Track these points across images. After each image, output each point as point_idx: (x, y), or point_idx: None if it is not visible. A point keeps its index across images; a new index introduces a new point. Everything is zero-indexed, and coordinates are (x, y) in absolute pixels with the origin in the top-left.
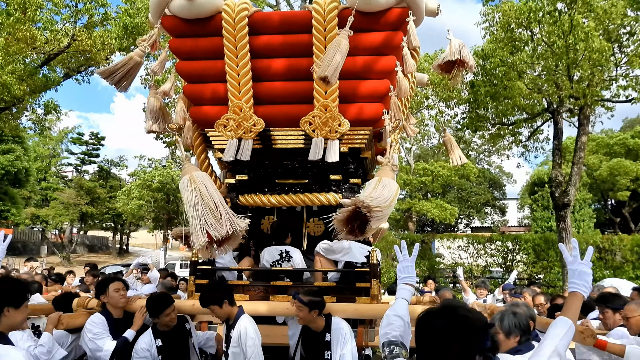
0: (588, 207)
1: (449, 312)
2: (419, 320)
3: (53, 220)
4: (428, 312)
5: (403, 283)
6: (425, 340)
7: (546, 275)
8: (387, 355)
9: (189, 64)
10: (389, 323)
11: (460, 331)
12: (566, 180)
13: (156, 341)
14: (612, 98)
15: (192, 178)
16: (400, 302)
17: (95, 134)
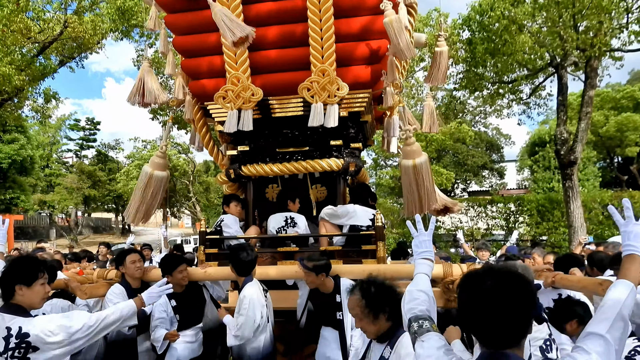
0: (593, 165)
1: (503, 273)
2: (465, 283)
3: (59, 204)
4: (476, 274)
5: (421, 258)
6: (475, 304)
7: (551, 236)
8: (416, 330)
9: (185, 38)
10: (413, 298)
11: (518, 293)
12: (572, 137)
13: (171, 302)
14: (622, 47)
15: (152, 177)
16: (421, 277)
17: (91, 120)
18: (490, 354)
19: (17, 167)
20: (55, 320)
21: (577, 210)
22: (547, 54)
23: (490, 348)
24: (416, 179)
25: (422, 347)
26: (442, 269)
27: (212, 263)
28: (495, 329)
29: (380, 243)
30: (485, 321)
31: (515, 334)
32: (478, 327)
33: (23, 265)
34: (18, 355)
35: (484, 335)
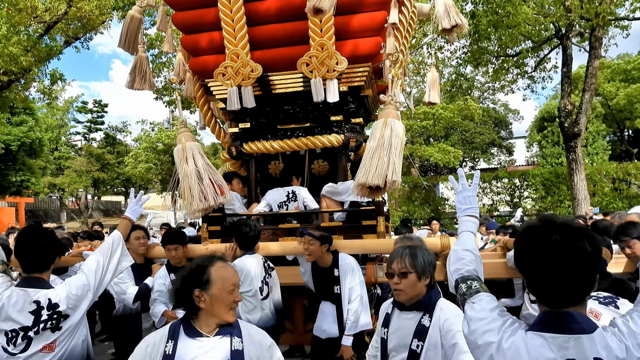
0: (602, 139)
1: (567, 226)
2: (527, 238)
3: (68, 187)
4: (538, 228)
5: (465, 215)
6: (541, 261)
7: (556, 210)
8: (464, 291)
9: (184, 14)
10: (460, 258)
11: (587, 247)
12: (576, 110)
13: (170, 275)
14: (627, 16)
15: (184, 149)
16: (466, 235)
17: (98, 102)
18: (553, 313)
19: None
20: (72, 284)
21: (581, 183)
22: (551, 25)
23: (553, 307)
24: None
25: (473, 309)
26: (439, 241)
27: (215, 240)
28: (562, 287)
29: (380, 218)
30: (551, 279)
31: (582, 292)
32: (542, 286)
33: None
34: (51, 326)
35: (548, 294)
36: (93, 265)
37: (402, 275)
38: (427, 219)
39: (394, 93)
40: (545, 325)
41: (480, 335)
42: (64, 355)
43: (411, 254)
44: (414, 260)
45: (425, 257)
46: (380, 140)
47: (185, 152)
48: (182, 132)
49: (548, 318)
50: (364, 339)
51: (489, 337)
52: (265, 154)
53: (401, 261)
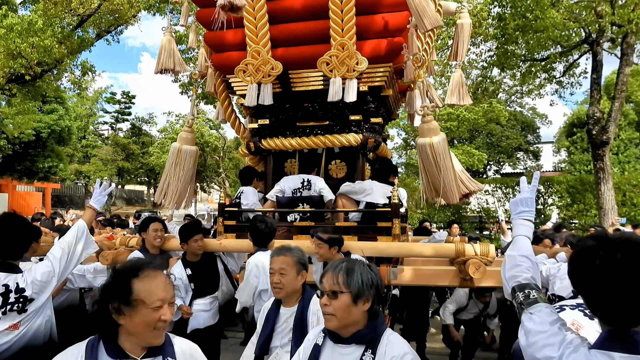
0: (634, 147)
1: (625, 242)
2: (585, 257)
3: (94, 175)
4: (594, 247)
5: (521, 218)
6: (602, 279)
7: (581, 219)
8: (522, 300)
9: (208, 11)
10: (516, 265)
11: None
12: (605, 117)
13: (186, 270)
14: None
15: (180, 151)
16: (522, 240)
17: (126, 93)
18: (621, 332)
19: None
20: (37, 270)
21: (608, 192)
22: (581, 30)
23: (616, 326)
24: (434, 158)
25: (532, 321)
26: (454, 248)
27: (230, 235)
28: (628, 306)
29: (395, 220)
30: (616, 297)
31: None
32: (606, 305)
33: None
34: (17, 309)
35: (614, 313)
36: (58, 253)
37: (332, 295)
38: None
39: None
40: (613, 344)
41: (539, 349)
42: (27, 333)
43: (347, 269)
44: (349, 277)
45: (365, 275)
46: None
47: (180, 154)
48: (186, 132)
49: (613, 336)
50: None
51: (549, 352)
52: (283, 150)
53: (333, 276)
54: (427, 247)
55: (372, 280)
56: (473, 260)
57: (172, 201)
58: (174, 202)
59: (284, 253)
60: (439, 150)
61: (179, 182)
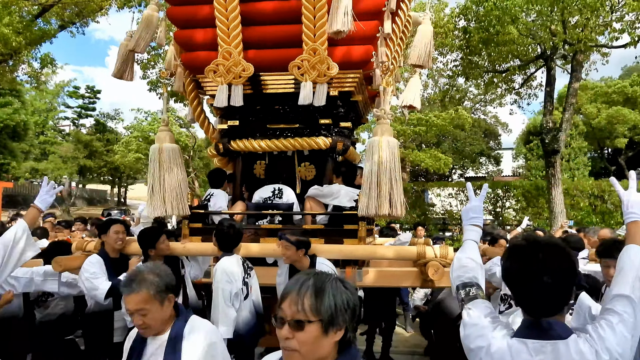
0: (583, 155)
1: (549, 245)
2: (513, 255)
3: (52, 174)
4: (523, 246)
5: (470, 224)
6: (525, 275)
7: (535, 222)
8: (463, 297)
9: (179, 9)
10: (461, 266)
11: (565, 264)
12: (557, 127)
13: None
14: (606, 43)
15: (161, 150)
16: (469, 244)
17: (91, 88)
18: (534, 322)
19: (9, 132)
20: None
21: (559, 197)
22: (538, 46)
23: (535, 316)
24: (381, 162)
25: (469, 315)
26: (416, 250)
27: (196, 238)
28: (543, 299)
29: (362, 223)
30: (533, 291)
31: (561, 303)
32: (525, 297)
33: None
34: None
35: (530, 305)
36: None
37: (296, 325)
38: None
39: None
40: (527, 332)
41: (473, 340)
42: None
43: (315, 290)
44: (318, 300)
45: (339, 296)
46: (380, 166)
47: (162, 153)
48: (162, 130)
49: (529, 326)
50: None
51: (480, 342)
52: (252, 152)
53: (297, 300)
54: (390, 250)
55: (347, 301)
56: (432, 263)
57: (168, 208)
58: (171, 209)
59: (136, 290)
60: (387, 153)
61: (169, 185)
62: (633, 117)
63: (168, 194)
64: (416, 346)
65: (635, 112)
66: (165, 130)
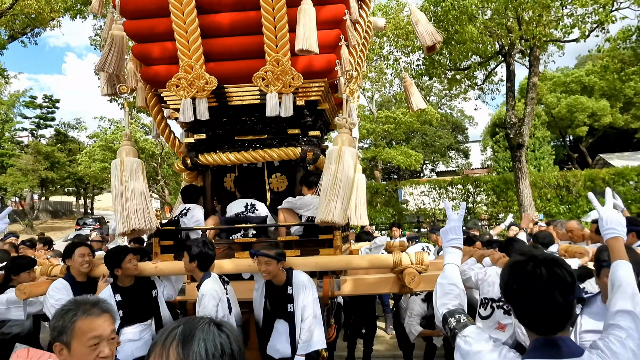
0: (547, 144)
1: (549, 261)
2: (514, 274)
3: (11, 187)
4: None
5: (450, 246)
6: (528, 294)
7: (505, 214)
8: (454, 325)
9: (136, 23)
10: (445, 293)
11: (567, 280)
12: (520, 121)
13: (115, 296)
14: (560, 38)
15: (122, 163)
16: (451, 268)
17: (48, 97)
18: (545, 340)
19: None
20: None
21: (526, 190)
22: (496, 43)
23: (544, 334)
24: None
25: (467, 343)
26: (392, 258)
27: (167, 256)
28: (551, 316)
29: (337, 232)
30: (541, 309)
31: (567, 318)
32: (530, 316)
33: None
34: None
35: (539, 323)
36: None
37: None
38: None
39: (348, 111)
40: (540, 352)
41: None
42: None
43: (183, 339)
44: (185, 351)
45: (211, 343)
46: (335, 176)
47: (123, 168)
48: (125, 145)
49: (541, 345)
50: (319, 357)
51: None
52: (221, 165)
53: (162, 353)
54: (365, 260)
55: (221, 347)
56: (408, 270)
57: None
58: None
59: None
60: (344, 164)
61: (133, 199)
62: (591, 105)
63: (132, 208)
64: (397, 348)
65: (593, 100)
66: (127, 144)
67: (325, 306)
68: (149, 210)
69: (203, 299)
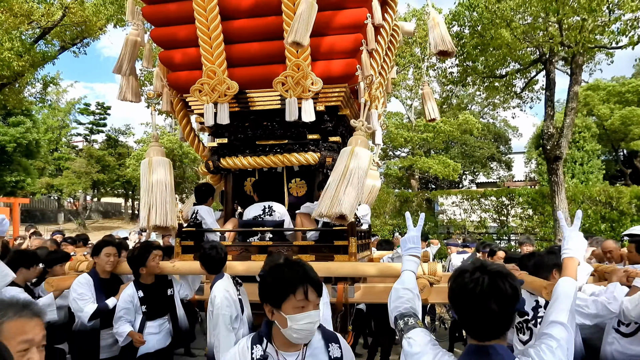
0: (597, 158)
1: (491, 270)
2: (456, 279)
3: (67, 188)
4: (466, 270)
5: (408, 255)
6: (465, 299)
7: (541, 230)
8: (402, 327)
9: (163, 30)
10: (398, 297)
11: (505, 290)
12: (558, 133)
13: (138, 292)
14: (607, 44)
15: (150, 163)
16: (407, 275)
17: (101, 104)
18: (477, 346)
19: (23, 150)
20: None
21: (562, 204)
22: (536, 49)
23: (479, 340)
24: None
25: (409, 344)
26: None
27: (188, 256)
28: (486, 323)
29: (352, 239)
30: (477, 316)
31: (502, 327)
32: (466, 321)
33: None
34: None
35: (472, 329)
36: None
37: None
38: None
39: (367, 116)
40: (471, 357)
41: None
42: None
43: None
44: None
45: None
46: (344, 171)
47: (151, 166)
48: (152, 146)
49: (474, 350)
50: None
51: None
52: (242, 169)
53: None
54: (376, 268)
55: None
56: (420, 281)
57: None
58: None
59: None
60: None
61: (158, 197)
62: None
63: (157, 205)
64: None
65: None
66: (155, 144)
67: (340, 312)
68: (173, 210)
69: (215, 299)
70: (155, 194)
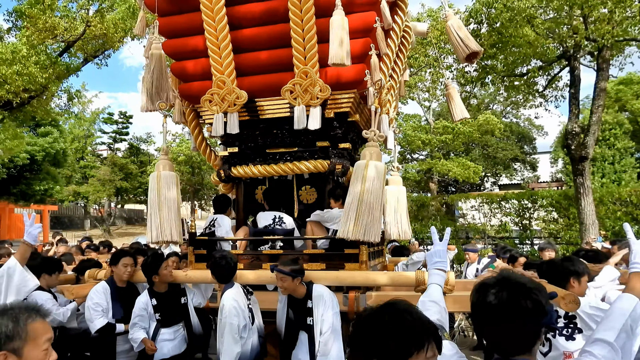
0: (630, 156)
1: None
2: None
3: (92, 196)
4: (489, 284)
5: (435, 268)
6: (487, 314)
7: (566, 233)
8: None
9: (174, 41)
10: (426, 309)
11: (527, 304)
12: (584, 131)
13: (152, 300)
14: (638, 36)
15: (159, 177)
16: (434, 288)
17: (123, 113)
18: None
19: (51, 159)
20: None
21: (589, 207)
22: (560, 45)
23: (503, 355)
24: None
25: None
26: (414, 277)
27: (200, 265)
28: (504, 340)
29: (362, 247)
30: (496, 330)
31: (525, 344)
32: (490, 335)
33: None
34: None
35: (496, 343)
36: None
37: None
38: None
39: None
40: None
41: None
42: None
43: None
44: None
45: None
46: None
47: (159, 181)
48: (161, 159)
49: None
50: None
51: None
52: (253, 178)
53: None
54: (387, 277)
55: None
56: None
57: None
58: (165, 236)
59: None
60: (370, 183)
61: (165, 211)
62: None
63: (164, 220)
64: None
65: None
66: (164, 158)
67: (351, 321)
68: (178, 225)
69: (224, 308)
70: (163, 210)
